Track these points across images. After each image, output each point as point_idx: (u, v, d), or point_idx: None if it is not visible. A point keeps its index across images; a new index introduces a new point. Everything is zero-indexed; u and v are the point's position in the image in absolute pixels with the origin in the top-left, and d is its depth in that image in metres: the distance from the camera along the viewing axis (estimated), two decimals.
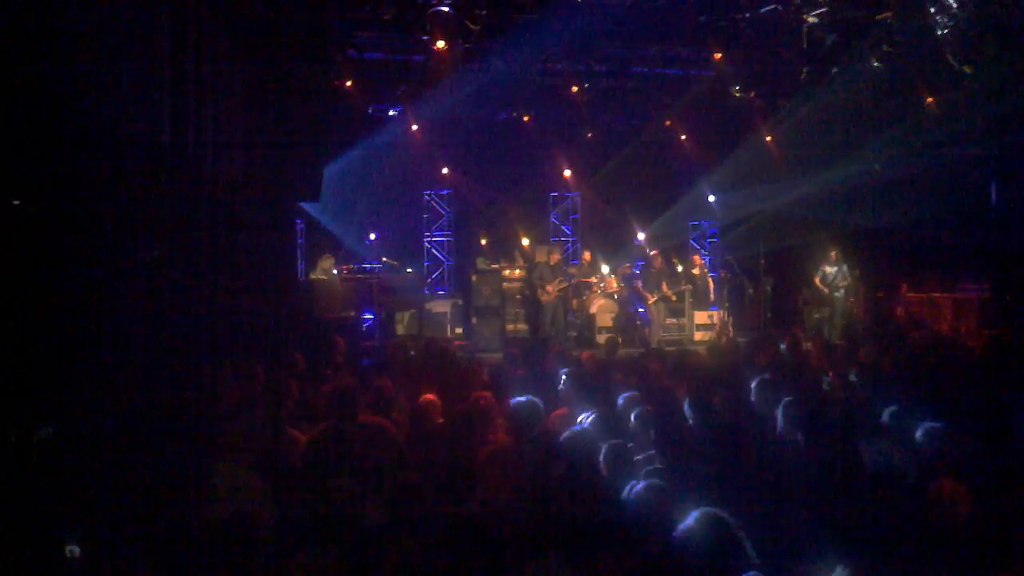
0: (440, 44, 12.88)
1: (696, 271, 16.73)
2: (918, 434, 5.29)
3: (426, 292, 17.72)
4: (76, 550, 3.85)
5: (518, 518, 3.93)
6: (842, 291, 15.44)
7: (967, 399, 6.46)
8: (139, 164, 8.31)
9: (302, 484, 4.55)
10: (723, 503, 3.97)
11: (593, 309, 16.09)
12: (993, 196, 15.02)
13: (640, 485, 4.11)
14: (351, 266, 15.47)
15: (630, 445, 5.17)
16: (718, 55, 14.79)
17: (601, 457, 4.80)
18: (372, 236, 18.24)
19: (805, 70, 15.40)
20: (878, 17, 14.12)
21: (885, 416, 5.80)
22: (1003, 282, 14.75)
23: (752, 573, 3.26)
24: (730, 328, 15.73)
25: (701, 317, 16.05)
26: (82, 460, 4.30)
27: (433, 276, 19.51)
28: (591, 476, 4.61)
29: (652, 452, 5.28)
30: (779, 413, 5.81)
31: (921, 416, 5.77)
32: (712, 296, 16.56)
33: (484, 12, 13.29)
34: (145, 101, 8.70)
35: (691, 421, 5.83)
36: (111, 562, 3.57)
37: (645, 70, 16.54)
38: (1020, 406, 6.24)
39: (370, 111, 17.35)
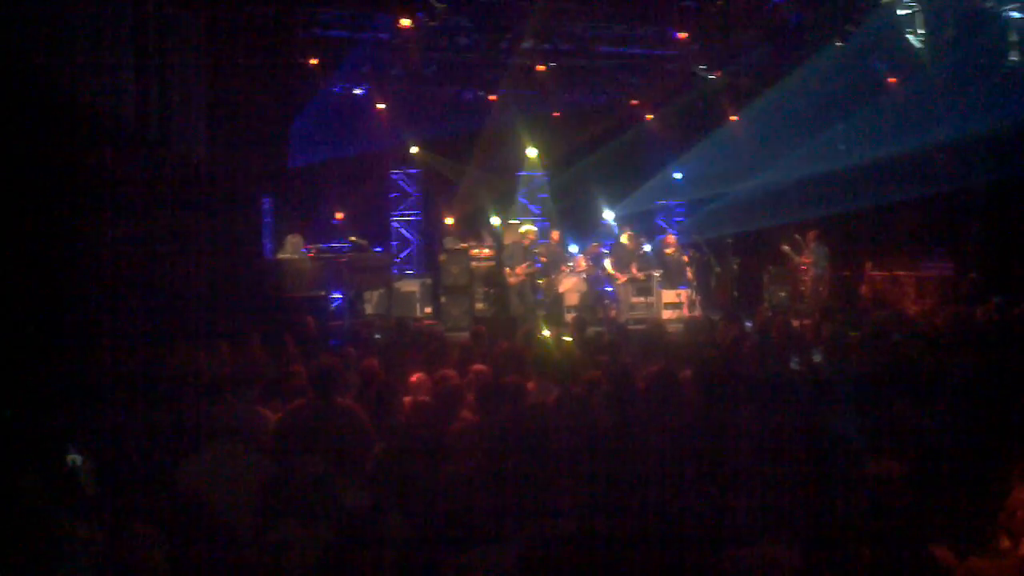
0: (405, 22, 12.81)
1: (669, 250, 16.76)
2: (879, 410, 5.39)
3: (395, 271, 17.68)
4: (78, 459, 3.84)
5: (479, 497, 3.95)
6: (820, 270, 15.64)
7: (929, 376, 6.55)
8: (103, 142, 8.26)
9: (274, 461, 4.55)
10: (681, 479, 4.04)
11: (561, 288, 16.13)
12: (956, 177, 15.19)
13: None
14: (319, 245, 15.42)
15: None
16: (683, 34, 14.81)
17: None
18: (339, 215, 18.16)
19: (770, 49, 15.48)
20: None
21: (848, 393, 5.89)
22: (965, 260, 14.96)
23: None
24: (697, 306, 15.84)
25: (669, 296, 16.11)
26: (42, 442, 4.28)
27: (402, 255, 19.47)
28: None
29: None
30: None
31: (883, 393, 5.88)
32: (688, 275, 16.63)
33: None
34: (109, 79, 8.62)
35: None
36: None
37: (611, 49, 16.53)
38: (979, 382, 6.35)
39: (336, 89, 17.24)
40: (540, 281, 16.01)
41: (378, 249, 17.30)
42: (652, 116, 19.43)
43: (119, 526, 3.45)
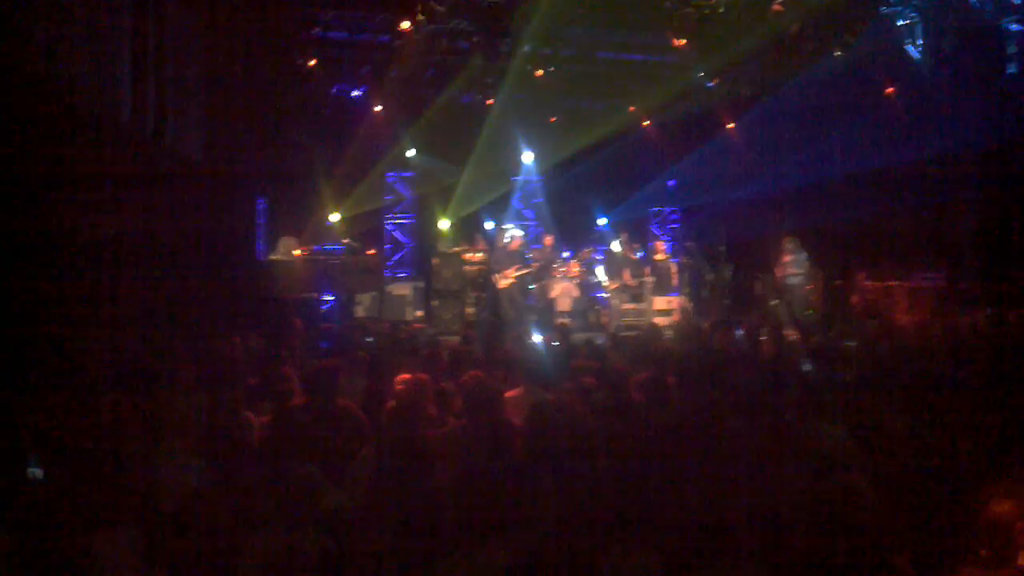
0: (405, 25, 12.80)
1: (659, 256, 16.79)
2: (868, 420, 5.38)
3: (387, 274, 17.65)
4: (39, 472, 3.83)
5: (465, 501, 3.93)
6: (800, 279, 15.60)
7: (919, 387, 6.54)
8: (97, 138, 8.24)
9: (260, 466, 4.52)
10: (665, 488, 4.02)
11: (553, 293, 16.12)
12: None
13: None
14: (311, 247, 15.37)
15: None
16: (683, 41, 14.81)
17: None
18: (334, 217, 18.11)
19: (768, 58, 15.49)
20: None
21: (838, 403, 5.88)
22: (958, 272, 14.96)
23: None
24: (689, 313, 15.83)
25: (660, 303, 16.12)
26: (26, 440, 4.26)
27: (395, 258, 19.42)
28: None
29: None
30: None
31: (872, 403, 5.87)
32: (674, 282, 16.64)
33: None
34: (106, 75, 8.61)
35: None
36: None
37: (610, 55, 16.54)
38: (970, 393, 6.35)
39: (333, 91, 17.22)
40: (532, 286, 16.00)
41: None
42: (649, 123, 19.43)
43: (95, 529, 3.43)
